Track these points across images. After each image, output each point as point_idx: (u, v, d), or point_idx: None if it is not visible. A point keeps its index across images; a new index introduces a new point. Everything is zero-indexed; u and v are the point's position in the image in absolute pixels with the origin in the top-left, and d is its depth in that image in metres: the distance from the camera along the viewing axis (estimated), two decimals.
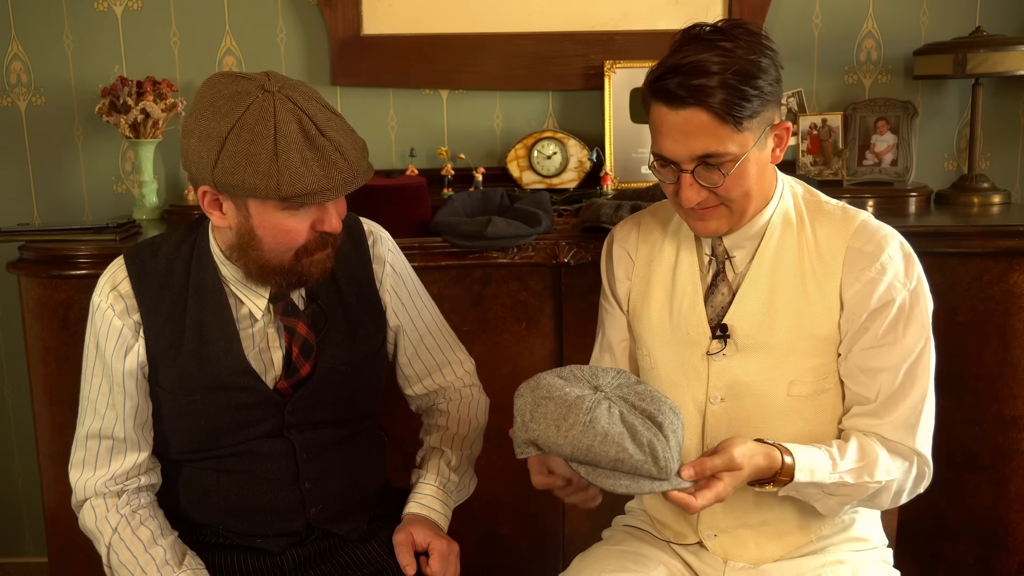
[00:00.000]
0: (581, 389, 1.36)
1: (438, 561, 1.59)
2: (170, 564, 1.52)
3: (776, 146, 1.45)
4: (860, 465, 1.43)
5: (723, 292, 1.53)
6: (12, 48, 2.63)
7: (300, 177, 1.36)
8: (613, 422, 1.31)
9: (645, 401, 1.36)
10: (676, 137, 1.38)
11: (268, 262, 1.47)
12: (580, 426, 1.31)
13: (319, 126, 1.39)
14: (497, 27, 2.59)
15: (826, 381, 1.51)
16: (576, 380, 1.38)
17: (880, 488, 1.45)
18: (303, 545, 1.63)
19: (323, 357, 1.58)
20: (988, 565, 2.27)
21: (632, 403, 1.35)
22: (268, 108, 1.37)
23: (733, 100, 1.34)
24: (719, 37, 1.37)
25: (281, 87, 1.40)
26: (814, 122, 2.58)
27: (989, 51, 2.39)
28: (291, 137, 1.36)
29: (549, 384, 1.37)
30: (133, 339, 1.54)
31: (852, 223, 1.50)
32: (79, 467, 1.60)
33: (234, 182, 1.37)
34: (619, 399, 1.35)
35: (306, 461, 1.60)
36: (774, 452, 1.39)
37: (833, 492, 1.43)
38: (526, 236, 2.13)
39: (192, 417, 1.56)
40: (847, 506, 1.47)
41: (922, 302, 1.48)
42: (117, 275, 1.55)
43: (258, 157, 1.35)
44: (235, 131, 1.36)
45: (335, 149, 1.39)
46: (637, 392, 1.37)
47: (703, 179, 1.40)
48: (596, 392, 1.35)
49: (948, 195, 2.53)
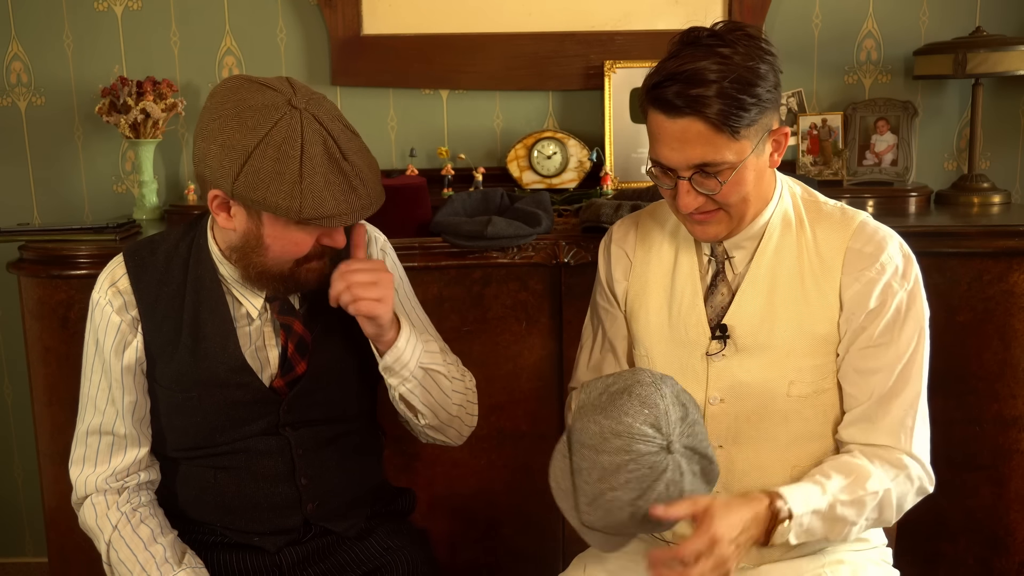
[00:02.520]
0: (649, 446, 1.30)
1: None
2: (170, 562, 1.53)
3: (774, 151, 1.44)
4: (849, 481, 1.42)
5: (722, 292, 1.53)
6: (12, 48, 2.63)
7: (322, 201, 1.37)
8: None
9: (699, 441, 1.34)
10: (673, 145, 1.38)
11: (269, 269, 1.48)
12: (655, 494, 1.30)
13: (342, 149, 1.40)
14: (497, 27, 2.59)
15: (825, 381, 1.51)
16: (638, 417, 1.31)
17: (879, 501, 1.43)
18: (301, 543, 1.64)
19: (318, 355, 1.59)
20: (988, 565, 2.27)
21: (692, 450, 1.33)
22: (295, 127, 1.37)
23: (730, 110, 1.33)
24: (717, 43, 1.36)
25: (307, 104, 1.40)
26: (814, 122, 2.59)
27: (989, 51, 2.39)
28: (316, 159, 1.37)
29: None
30: (131, 335, 1.55)
31: (851, 224, 1.50)
32: (79, 463, 1.60)
33: (255, 197, 1.37)
34: (684, 452, 1.32)
35: (302, 457, 1.60)
36: (760, 506, 1.35)
37: (834, 517, 1.41)
38: (526, 236, 2.13)
39: (189, 414, 1.57)
40: (856, 528, 1.44)
41: (919, 303, 1.48)
42: (116, 272, 1.57)
43: (283, 177, 1.36)
44: (261, 147, 1.36)
45: (356, 175, 1.40)
46: (694, 434, 1.34)
47: (700, 186, 1.40)
48: (668, 453, 1.31)
49: (948, 195, 2.53)
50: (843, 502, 1.41)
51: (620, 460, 1.28)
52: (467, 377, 1.67)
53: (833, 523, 1.41)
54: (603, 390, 1.35)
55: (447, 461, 2.17)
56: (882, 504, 1.44)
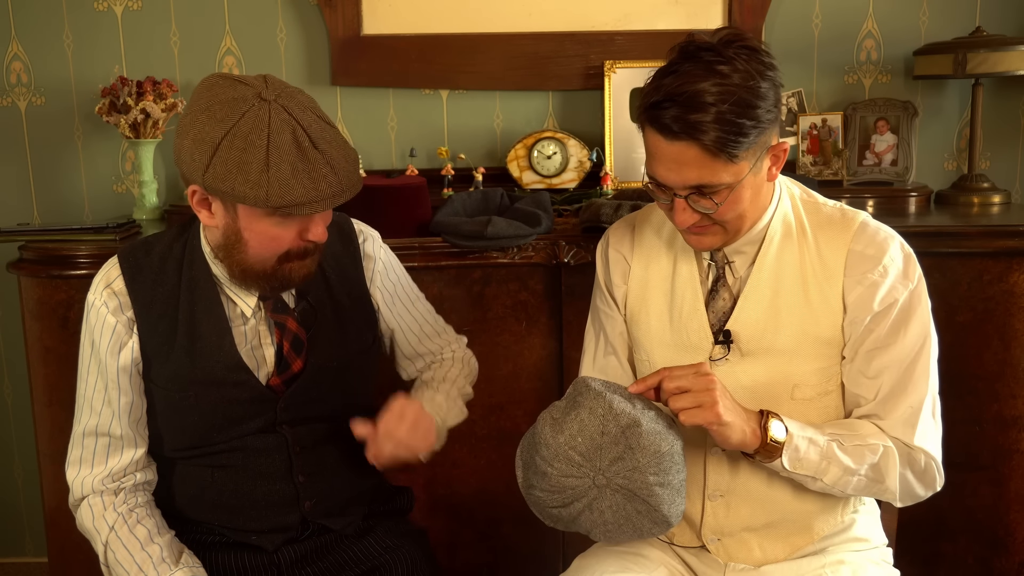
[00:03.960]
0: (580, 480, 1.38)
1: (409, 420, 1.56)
2: (167, 562, 1.52)
3: (772, 165, 1.43)
4: (848, 432, 1.43)
5: (724, 297, 1.52)
6: (12, 48, 2.63)
7: (289, 189, 1.37)
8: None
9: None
10: (669, 166, 1.37)
11: (251, 266, 1.49)
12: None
13: (312, 137, 1.40)
14: (497, 27, 2.59)
15: (829, 383, 1.50)
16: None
17: (879, 460, 1.42)
18: (299, 542, 1.64)
19: (314, 353, 1.59)
20: (988, 565, 2.27)
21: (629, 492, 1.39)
22: (263, 117, 1.38)
23: (728, 137, 1.31)
24: (716, 59, 1.33)
25: (278, 96, 1.41)
26: (814, 122, 2.59)
27: (989, 51, 2.39)
28: (283, 148, 1.37)
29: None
30: (127, 336, 1.55)
31: (852, 225, 1.49)
32: (76, 465, 1.60)
33: (224, 188, 1.38)
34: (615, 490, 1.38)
35: (299, 455, 1.61)
36: (752, 411, 1.42)
37: (831, 455, 1.41)
38: (526, 236, 2.13)
39: (185, 413, 1.57)
40: (855, 481, 1.44)
41: (923, 302, 1.48)
42: (111, 273, 1.57)
43: (249, 166, 1.37)
44: (228, 138, 1.37)
45: (326, 162, 1.40)
46: (632, 479, 1.38)
47: (697, 204, 1.39)
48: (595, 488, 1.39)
49: (948, 195, 2.53)
50: (841, 445, 1.42)
51: (544, 469, 1.39)
52: (469, 365, 1.78)
53: (830, 462, 1.42)
54: (570, 405, 1.41)
55: (447, 461, 2.17)
56: (882, 466, 1.43)
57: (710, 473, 1.54)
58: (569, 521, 1.42)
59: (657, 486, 1.37)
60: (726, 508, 1.55)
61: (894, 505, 1.51)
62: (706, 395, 1.35)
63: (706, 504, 1.56)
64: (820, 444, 1.42)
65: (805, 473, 1.42)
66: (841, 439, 1.43)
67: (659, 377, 1.38)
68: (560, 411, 1.41)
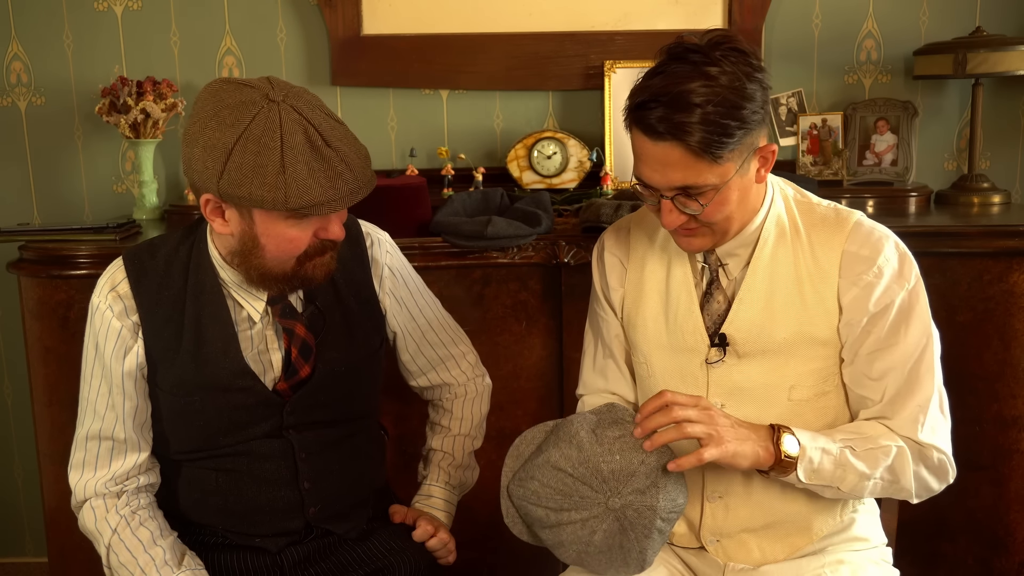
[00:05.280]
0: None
1: (439, 541, 1.68)
2: (169, 564, 1.52)
3: (761, 167, 1.42)
4: (859, 436, 1.43)
5: (719, 300, 1.52)
6: (12, 48, 2.63)
7: (307, 189, 1.36)
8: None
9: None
10: (655, 167, 1.37)
11: (270, 269, 1.47)
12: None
13: (324, 136, 1.39)
14: (497, 27, 2.59)
15: (826, 384, 1.50)
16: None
17: (893, 462, 1.42)
18: (302, 544, 1.63)
19: (322, 358, 1.59)
20: (988, 565, 2.27)
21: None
22: (274, 119, 1.37)
23: (712, 137, 1.31)
24: (704, 61, 1.32)
25: (285, 96, 1.40)
26: (814, 122, 2.59)
27: (989, 51, 2.39)
28: (297, 148, 1.36)
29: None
30: (132, 340, 1.54)
31: (846, 225, 1.48)
32: (79, 468, 1.60)
33: (241, 193, 1.36)
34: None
35: (305, 461, 1.60)
36: (759, 425, 1.41)
37: (845, 462, 1.41)
38: (526, 236, 2.14)
39: (191, 418, 1.56)
40: (871, 484, 1.43)
41: (922, 301, 1.47)
42: (116, 276, 1.55)
43: (265, 169, 1.35)
44: (241, 142, 1.36)
45: (341, 160, 1.39)
46: (641, 515, 1.39)
47: (683, 206, 1.39)
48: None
49: (948, 195, 2.53)
50: (854, 451, 1.41)
51: (562, 466, 1.38)
52: (483, 398, 1.84)
53: (845, 469, 1.41)
54: (612, 420, 1.41)
55: None
56: (896, 467, 1.43)
57: (709, 474, 1.54)
58: (545, 526, 1.41)
59: (657, 532, 1.39)
60: (725, 509, 1.55)
61: (910, 502, 1.50)
62: (711, 429, 1.36)
63: (705, 505, 1.56)
64: (833, 452, 1.41)
65: (822, 483, 1.42)
66: (853, 444, 1.42)
67: (662, 401, 1.38)
68: (605, 423, 1.41)
